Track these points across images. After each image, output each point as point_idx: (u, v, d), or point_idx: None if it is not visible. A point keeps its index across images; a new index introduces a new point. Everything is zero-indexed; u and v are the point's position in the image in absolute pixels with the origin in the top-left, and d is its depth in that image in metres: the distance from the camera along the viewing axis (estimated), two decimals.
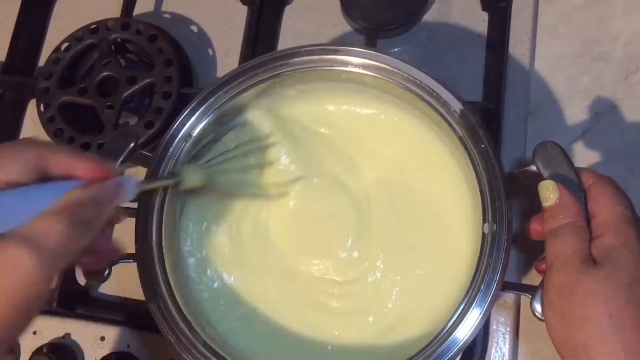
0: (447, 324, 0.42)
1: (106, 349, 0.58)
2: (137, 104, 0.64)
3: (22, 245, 0.33)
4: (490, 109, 0.56)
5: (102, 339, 0.59)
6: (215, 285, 0.52)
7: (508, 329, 0.53)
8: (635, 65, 0.58)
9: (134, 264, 0.49)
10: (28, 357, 0.57)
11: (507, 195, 0.44)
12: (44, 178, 0.38)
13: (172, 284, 0.47)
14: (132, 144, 0.49)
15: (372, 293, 0.50)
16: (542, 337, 0.52)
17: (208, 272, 0.51)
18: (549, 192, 0.42)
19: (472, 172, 0.45)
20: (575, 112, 0.58)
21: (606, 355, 0.36)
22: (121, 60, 0.65)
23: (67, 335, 0.59)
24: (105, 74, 0.63)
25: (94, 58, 0.65)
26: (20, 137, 0.69)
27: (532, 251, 0.53)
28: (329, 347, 0.48)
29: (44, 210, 0.35)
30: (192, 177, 0.49)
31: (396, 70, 0.47)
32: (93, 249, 0.40)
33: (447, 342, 0.42)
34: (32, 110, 0.68)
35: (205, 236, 0.53)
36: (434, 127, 0.49)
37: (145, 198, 0.50)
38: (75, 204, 0.36)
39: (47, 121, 0.63)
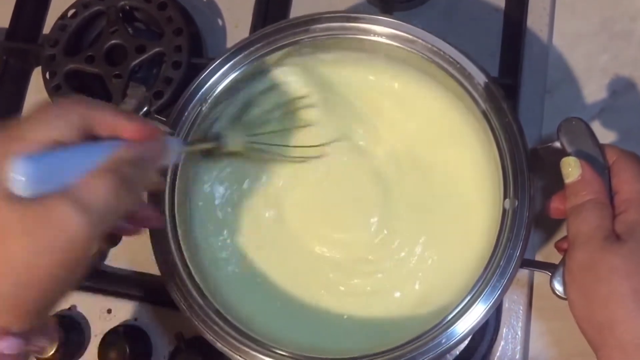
0: (465, 298, 0.42)
1: (113, 321, 0.57)
2: (146, 73, 0.63)
3: (70, 204, 0.33)
4: (507, 85, 0.55)
5: (109, 311, 0.58)
6: (226, 255, 0.51)
7: (521, 308, 0.52)
8: None
9: (146, 230, 0.48)
10: None
11: (529, 170, 0.43)
12: (89, 137, 0.37)
13: (184, 252, 0.47)
14: (145, 108, 0.48)
15: (394, 270, 0.49)
16: (555, 316, 0.52)
17: (220, 241, 0.51)
18: (572, 169, 0.41)
19: (494, 147, 0.44)
20: (593, 90, 0.57)
21: (632, 330, 0.35)
22: (129, 29, 0.63)
23: (73, 307, 0.58)
24: (113, 42, 0.62)
25: (102, 26, 0.64)
26: (25, 105, 0.67)
27: (548, 230, 0.53)
28: (343, 320, 0.48)
29: (90, 170, 0.34)
30: (235, 140, 0.49)
31: (420, 41, 0.46)
32: (132, 215, 0.40)
33: (465, 316, 0.41)
34: (36, 78, 0.67)
35: (218, 203, 0.52)
36: (456, 100, 0.49)
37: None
38: (122, 163, 0.36)
39: (53, 89, 0.62)
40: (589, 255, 0.38)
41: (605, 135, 0.56)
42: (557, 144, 0.43)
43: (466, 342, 0.52)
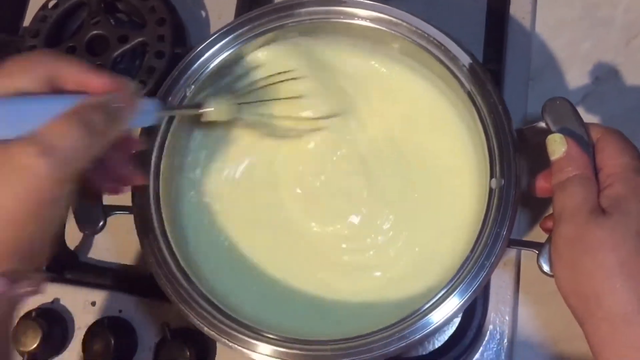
0: (454, 277, 0.42)
1: (97, 314, 0.56)
2: (128, 64, 0.62)
3: (31, 147, 0.33)
4: (491, 71, 0.55)
5: (93, 304, 0.57)
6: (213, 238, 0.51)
7: (508, 291, 0.52)
8: (636, 31, 0.58)
9: (129, 221, 0.48)
10: (15, 322, 0.55)
11: (515, 150, 0.44)
12: (56, 91, 0.37)
13: (170, 238, 0.46)
14: None
15: (382, 249, 0.49)
16: (543, 300, 0.53)
17: (206, 221, 0.50)
18: (557, 145, 0.41)
19: (479, 128, 0.45)
20: (576, 77, 0.58)
21: (618, 302, 0.35)
22: (111, 20, 0.63)
23: (56, 300, 0.57)
24: (95, 32, 0.61)
25: (83, 16, 0.63)
26: None
27: (535, 214, 0.53)
28: (332, 302, 0.48)
29: (55, 116, 0.35)
30: (220, 108, 0.47)
31: (404, 24, 0.46)
32: (112, 173, 0.41)
33: (455, 293, 0.41)
34: None
35: (207, 180, 0.52)
36: (441, 83, 0.49)
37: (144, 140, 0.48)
38: (86, 109, 0.36)
39: None
40: (575, 229, 0.38)
41: (588, 120, 0.55)
42: (542, 124, 0.44)
43: (454, 327, 0.52)
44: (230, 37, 0.49)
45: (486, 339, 0.51)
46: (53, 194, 0.34)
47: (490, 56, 0.58)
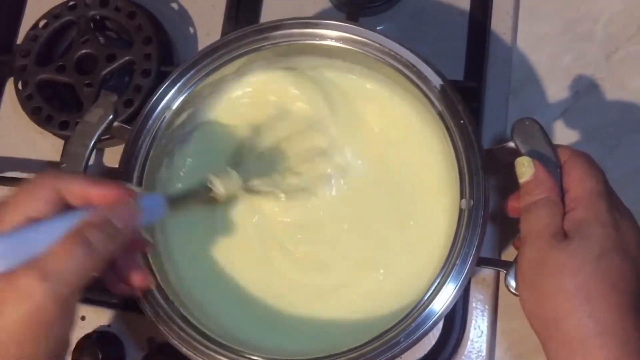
0: (424, 296, 0.43)
1: (87, 328, 0.58)
2: (117, 82, 0.63)
3: (32, 272, 0.35)
4: (472, 87, 0.56)
5: (83, 318, 0.58)
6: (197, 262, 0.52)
7: (487, 307, 0.53)
8: (616, 45, 0.58)
9: None
10: None
11: (484, 171, 0.44)
12: (65, 207, 0.39)
13: (150, 259, 0.47)
14: (111, 116, 0.48)
15: (349, 265, 0.50)
16: (520, 314, 0.52)
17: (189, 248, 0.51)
18: (525, 168, 0.42)
19: (450, 148, 0.45)
20: (556, 91, 0.58)
21: (575, 326, 0.36)
22: (100, 38, 0.64)
23: None
24: (83, 51, 0.63)
25: (73, 35, 0.65)
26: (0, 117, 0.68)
27: (512, 229, 0.53)
28: (303, 321, 0.49)
29: (57, 239, 0.36)
30: (227, 186, 0.47)
31: (376, 44, 0.47)
32: (120, 274, 0.42)
33: (424, 314, 0.42)
34: (10, 89, 0.67)
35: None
36: (414, 102, 0.49)
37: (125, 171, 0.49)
38: (86, 228, 0.37)
39: (25, 99, 0.62)
40: (538, 252, 0.39)
41: (568, 135, 0.57)
42: (512, 144, 0.44)
43: (433, 342, 0.53)
44: (207, 60, 0.51)
45: (465, 354, 0.52)
46: (54, 314, 0.35)
47: (472, 71, 0.58)
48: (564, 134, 0.57)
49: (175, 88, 0.51)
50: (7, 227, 0.37)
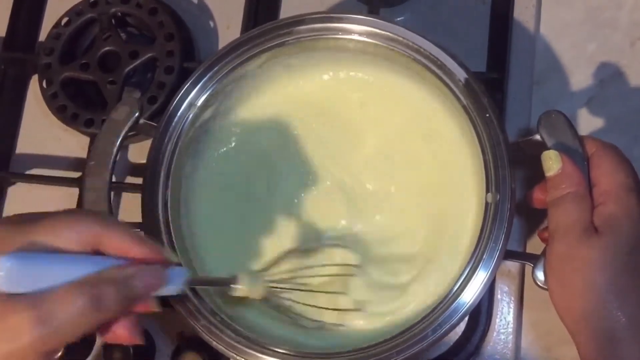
0: (451, 290, 0.43)
1: None
2: (140, 78, 0.63)
3: (29, 311, 0.32)
4: (495, 79, 0.56)
5: None
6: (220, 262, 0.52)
7: (512, 298, 0.53)
8: None
9: None
10: None
11: (510, 164, 0.44)
12: (95, 253, 0.37)
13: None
14: (137, 113, 0.49)
15: (380, 274, 0.50)
16: (546, 306, 0.52)
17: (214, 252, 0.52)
18: (552, 162, 0.41)
19: (476, 142, 0.45)
20: (581, 80, 0.58)
21: (605, 321, 0.36)
22: (122, 34, 0.65)
23: None
24: (106, 48, 0.63)
25: (95, 32, 0.65)
26: (24, 116, 0.68)
27: (536, 220, 0.53)
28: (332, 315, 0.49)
29: (70, 281, 0.34)
30: (249, 287, 0.45)
31: (400, 39, 0.47)
32: (110, 325, 0.38)
33: (453, 306, 0.42)
34: (34, 87, 0.68)
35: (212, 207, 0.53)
36: (439, 95, 0.49)
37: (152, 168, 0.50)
38: (102, 281, 0.35)
39: (50, 97, 0.63)
40: (567, 247, 0.39)
41: (593, 124, 0.56)
42: (538, 137, 0.44)
43: (459, 333, 0.53)
44: (231, 56, 0.51)
45: (491, 344, 0.52)
46: (37, 357, 0.33)
47: (494, 61, 0.58)
48: (588, 123, 0.56)
49: (200, 85, 0.51)
50: (30, 248, 0.34)
